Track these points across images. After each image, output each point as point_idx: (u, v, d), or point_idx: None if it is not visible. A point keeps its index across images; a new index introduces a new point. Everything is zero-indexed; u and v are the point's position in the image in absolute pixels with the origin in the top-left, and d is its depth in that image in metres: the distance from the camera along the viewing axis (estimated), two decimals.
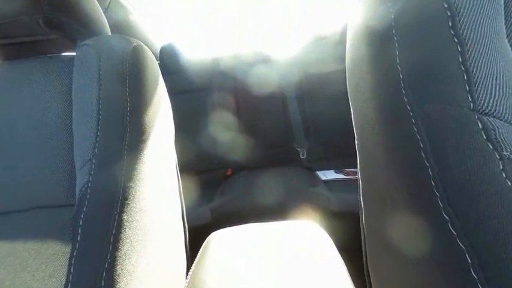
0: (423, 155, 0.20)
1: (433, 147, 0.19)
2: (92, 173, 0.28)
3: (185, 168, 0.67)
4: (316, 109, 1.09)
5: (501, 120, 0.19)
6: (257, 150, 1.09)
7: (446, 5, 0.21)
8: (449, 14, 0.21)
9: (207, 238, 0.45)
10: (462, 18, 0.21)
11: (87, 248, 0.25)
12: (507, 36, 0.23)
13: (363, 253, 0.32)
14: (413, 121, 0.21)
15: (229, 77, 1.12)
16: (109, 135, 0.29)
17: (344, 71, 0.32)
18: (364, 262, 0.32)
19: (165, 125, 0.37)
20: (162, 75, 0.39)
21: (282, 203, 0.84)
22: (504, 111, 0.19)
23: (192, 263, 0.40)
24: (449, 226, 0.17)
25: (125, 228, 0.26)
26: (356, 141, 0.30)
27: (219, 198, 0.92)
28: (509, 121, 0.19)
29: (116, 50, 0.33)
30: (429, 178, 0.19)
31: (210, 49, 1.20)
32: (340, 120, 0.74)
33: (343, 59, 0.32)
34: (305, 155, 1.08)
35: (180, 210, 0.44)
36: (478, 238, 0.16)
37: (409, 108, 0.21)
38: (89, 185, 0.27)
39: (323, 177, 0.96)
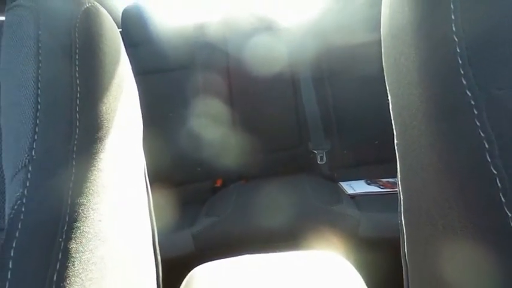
0: (489, 160, 0.20)
1: (502, 149, 0.20)
2: (27, 184, 0.28)
3: (158, 178, 0.66)
4: (341, 96, 1.09)
5: None
6: (257, 154, 1.10)
7: None
8: None
9: (189, 274, 0.45)
10: None
11: None
12: None
13: (405, 281, 0.33)
14: (476, 113, 0.21)
15: (220, 51, 1.13)
16: (51, 132, 0.29)
17: (379, 42, 0.32)
18: None
19: (129, 118, 0.37)
20: (126, 48, 0.39)
21: (292, 227, 0.84)
22: None
23: None
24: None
25: (73, 262, 0.26)
26: (395, 141, 0.31)
27: (205, 219, 0.93)
28: None
29: (60, 13, 0.33)
30: (497, 191, 0.19)
31: (192, 12, 1.20)
32: (374, 112, 0.74)
33: (378, 26, 0.33)
34: (325, 159, 1.08)
35: (151, 236, 0.44)
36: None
37: (469, 94, 0.22)
38: (24, 201, 0.27)
39: (350, 191, 0.97)
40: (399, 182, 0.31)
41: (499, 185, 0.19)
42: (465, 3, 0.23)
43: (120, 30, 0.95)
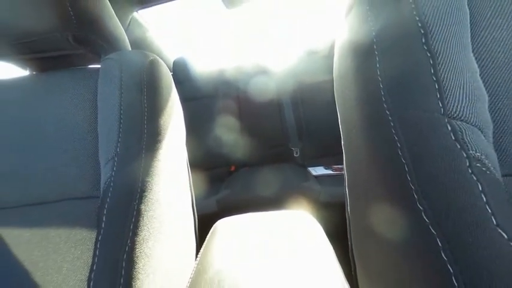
0: (400, 154, 0.20)
1: (409, 147, 0.20)
2: (114, 169, 0.28)
3: (195, 165, 0.66)
4: (308, 114, 1.09)
5: (467, 123, 0.19)
6: (257, 150, 1.09)
7: (420, 24, 0.21)
8: (422, 31, 0.21)
9: (214, 225, 0.45)
10: (433, 36, 0.21)
11: (109, 233, 0.25)
12: (472, 51, 0.23)
13: (348, 238, 0.32)
14: (392, 125, 0.21)
15: (233, 85, 1.13)
16: (129, 137, 0.29)
17: (332, 81, 0.32)
18: (349, 246, 0.32)
19: (177, 128, 0.37)
20: (175, 85, 0.39)
21: (278, 195, 0.84)
22: (470, 115, 0.19)
23: (201, 247, 0.40)
24: (423, 215, 0.17)
25: (143, 217, 0.26)
26: (342, 142, 0.30)
27: (224, 190, 0.92)
28: (475, 124, 0.19)
29: (135, 63, 0.33)
30: (405, 173, 0.19)
31: (216, 62, 1.20)
32: (329, 124, 0.74)
33: (331, 70, 0.32)
34: (298, 153, 1.07)
35: (191, 201, 0.44)
36: (447, 226, 0.17)
37: (388, 113, 0.21)
38: (112, 179, 0.27)
39: (314, 173, 0.96)
40: (345, 168, 0.30)
41: (406, 169, 0.19)
42: (385, 57, 0.23)
43: (172, 73, 0.95)
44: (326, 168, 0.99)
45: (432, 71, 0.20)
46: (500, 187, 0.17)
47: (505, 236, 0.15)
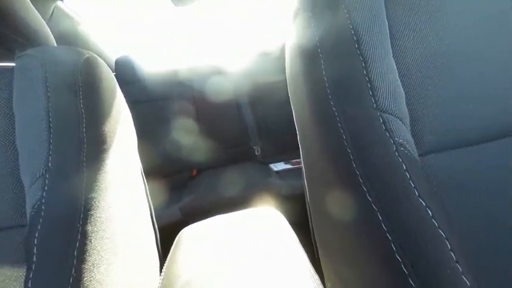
0: (346, 144, 0.22)
1: (352, 138, 0.22)
2: (45, 188, 0.23)
3: (152, 172, 0.61)
4: (266, 113, 1.11)
5: (392, 115, 0.23)
6: (218, 151, 1.07)
7: (353, 32, 0.25)
8: (355, 38, 0.25)
9: (178, 235, 0.42)
10: (363, 43, 0.25)
11: (45, 267, 0.21)
12: (392, 56, 0.28)
13: (310, 225, 0.35)
14: (338, 120, 0.23)
15: (188, 87, 1.08)
16: (64, 147, 0.25)
17: (285, 81, 0.33)
18: (311, 231, 0.34)
19: (125, 134, 0.33)
20: (120, 86, 0.35)
21: (243, 195, 0.84)
22: (394, 109, 0.24)
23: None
24: (367, 195, 0.20)
25: (90, 239, 0.22)
26: (298, 138, 0.32)
27: (187, 196, 0.88)
28: (397, 116, 0.23)
29: (64, 61, 0.28)
30: (351, 161, 0.22)
31: (167, 62, 1.13)
32: (286, 121, 0.78)
33: (284, 71, 0.33)
34: (259, 152, 1.10)
35: (149, 213, 0.40)
36: (384, 201, 0.20)
37: (334, 110, 0.24)
38: (43, 201, 0.23)
39: (275, 169, 1.00)
40: (302, 161, 0.32)
41: (351, 157, 0.22)
42: (329, 60, 0.25)
43: (114, 73, 0.86)
44: (286, 163, 1.03)
45: (365, 72, 0.24)
46: (418, 165, 0.22)
47: (424, 204, 0.19)
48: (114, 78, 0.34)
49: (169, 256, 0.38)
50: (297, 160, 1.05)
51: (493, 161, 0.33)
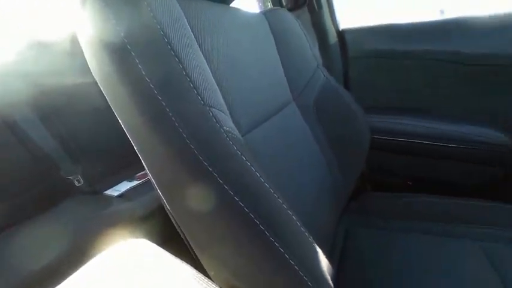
0: (188, 142, 0.24)
1: (191, 134, 0.24)
2: None
3: None
4: (73, 127, 0.84)
5: (216, 109, 0.27)
6: (12, 200, 0.66)
7: (162, 33, 0.25)
8: (166, 40, 0.25)
9: None
10: (174, 44, 0.26)
11: None
12: (205, 57, 0.32)
13: (179, 231, 0.33)
14: (174, 119, 0.24)
15: None
16: None
17: (95, 83, 0.28)
18: (183, 236, 0.33)
19: None
20: None
21: (74, 249, 0.61)
22: (216, 103, 0.28)
23: None
24: (218, 179, 0.23)
25: None
26: (135, 147, 0.29)
27: None
28: (220, 109, 0.28)
29: None
30: (197, 156, 0.23)
31: None
32: (108, 131, 0.64)
33: (87, 71, 0.28)
34: (82, 181, 0.82)
35: None
36: (229, 176, 0.24)
37: (167, 110, 0.24)
38: None
39: (116, 193, 0.81)
40: (148, 171, 0.30)
41: (196, 152, 0.24)
42: (145, 59, 0.24)
43: None
44: (130, 181, 0.88)
45: (184, 72, 0.26)
46: (243, 143, 0.28)
47: (258, 174, 0.25)
48: None
49: None
50: (142, 173, 0.92)
51: (279, 128, 0.51)
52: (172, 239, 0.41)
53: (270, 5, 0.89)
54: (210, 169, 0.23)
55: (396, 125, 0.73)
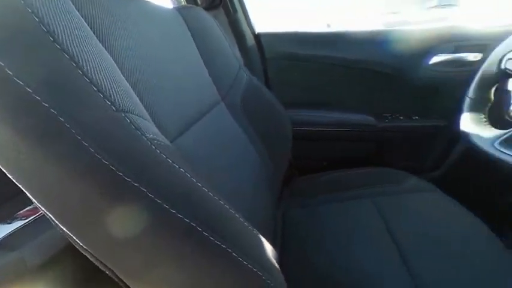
0: (98, 156, 0.19)
1: (101, 146, 0.19)
2: None
3: None
4: None
5: (133, 114, 0.23)
6: None
7: (42, 26, 0.19)
8: (44, 29, 0.19)
9: None
10: (60, 38, 0.20)
11: None
12: (111, 55, 0.27)
13: (99, 264, 0.26)
14: (74, 131, 0.18)
15: None
16: None
17: None
18: (104, 269, 0.27)
19: None
20: None
21: None
22: (132, 108, 0.24)
23: None
24: (148, 194, 0.20)
25: None
26: (12, 178, 0.21)
27: None
28: (139, 114, 0.25)
29: None
30: (115, 172, 0.19)
31: None
32: None
33: None
34: None
35: None
36: (165, 189, 0.21)
37: (62, 120, 0.18)
38: None
39: None
40: (37, 203, 0.22)
41: (114, 168, 0.20)
42: (12, 58, 0.18)
43: None
44: (9, 223, 0.63)
45: (81, 72, 0.20)
46: (173, 150, 0.26)
47: (194, 180, 0.24)
48: None
49: None
50: (30, 208, 0.69)
51: (211, 129, 0.50)
52: (89, 280, 0.34)
53: (183, 2, 0.85)
54: (136, 184, 0.19)
55: (310, 117, 0.92)
